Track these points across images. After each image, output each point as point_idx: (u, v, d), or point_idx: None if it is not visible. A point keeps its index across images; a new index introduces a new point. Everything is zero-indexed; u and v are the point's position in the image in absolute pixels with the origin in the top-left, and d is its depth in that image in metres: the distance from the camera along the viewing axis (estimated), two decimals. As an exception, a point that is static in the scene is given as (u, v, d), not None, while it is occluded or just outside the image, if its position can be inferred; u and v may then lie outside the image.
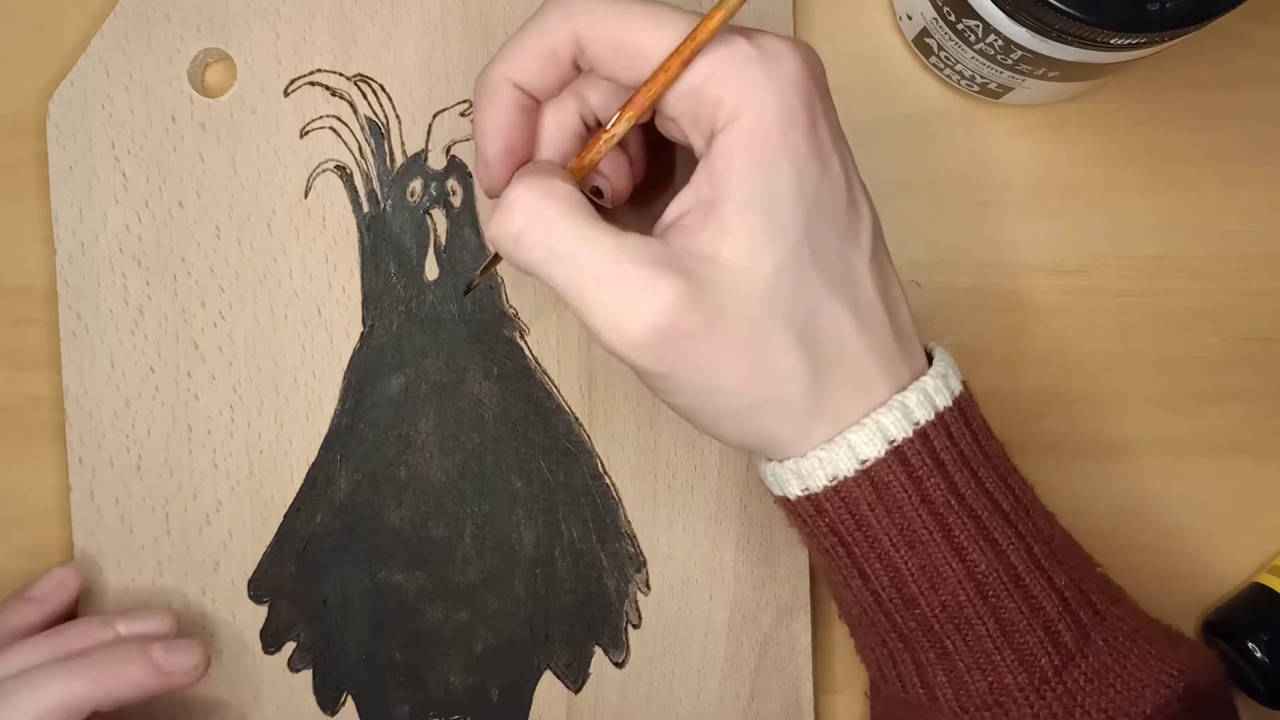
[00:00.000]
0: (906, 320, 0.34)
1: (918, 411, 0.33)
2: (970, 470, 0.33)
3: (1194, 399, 0.45)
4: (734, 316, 0.31)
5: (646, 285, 0.30)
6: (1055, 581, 0.33)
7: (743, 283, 0.31)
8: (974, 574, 0.33)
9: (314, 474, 0.43)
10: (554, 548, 0.43)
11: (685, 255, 0.31)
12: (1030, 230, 0.45)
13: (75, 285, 0.43)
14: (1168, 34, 0.35)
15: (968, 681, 0.34)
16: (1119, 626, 0.34)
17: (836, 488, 0.33)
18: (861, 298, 0.33)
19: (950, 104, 0.45)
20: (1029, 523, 0.34)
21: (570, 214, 0.31)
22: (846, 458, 0.33)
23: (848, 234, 0.32)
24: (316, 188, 0.43)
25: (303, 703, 0.44)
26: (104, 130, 0.43)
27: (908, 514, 0.33)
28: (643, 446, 0.43)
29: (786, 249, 0.31)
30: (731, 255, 0.31)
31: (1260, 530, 0.45)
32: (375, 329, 0.43)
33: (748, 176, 0.31)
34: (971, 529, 0.33)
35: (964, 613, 0.33)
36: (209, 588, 0.43)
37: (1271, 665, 0.42)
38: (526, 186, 0.32)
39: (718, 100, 0.31)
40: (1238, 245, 0.45)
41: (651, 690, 0.43)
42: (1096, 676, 0.33)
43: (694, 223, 0.32)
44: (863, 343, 0.33)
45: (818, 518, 0.34)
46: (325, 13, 0.43)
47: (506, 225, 0.32)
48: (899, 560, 0.33)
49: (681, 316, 0.31)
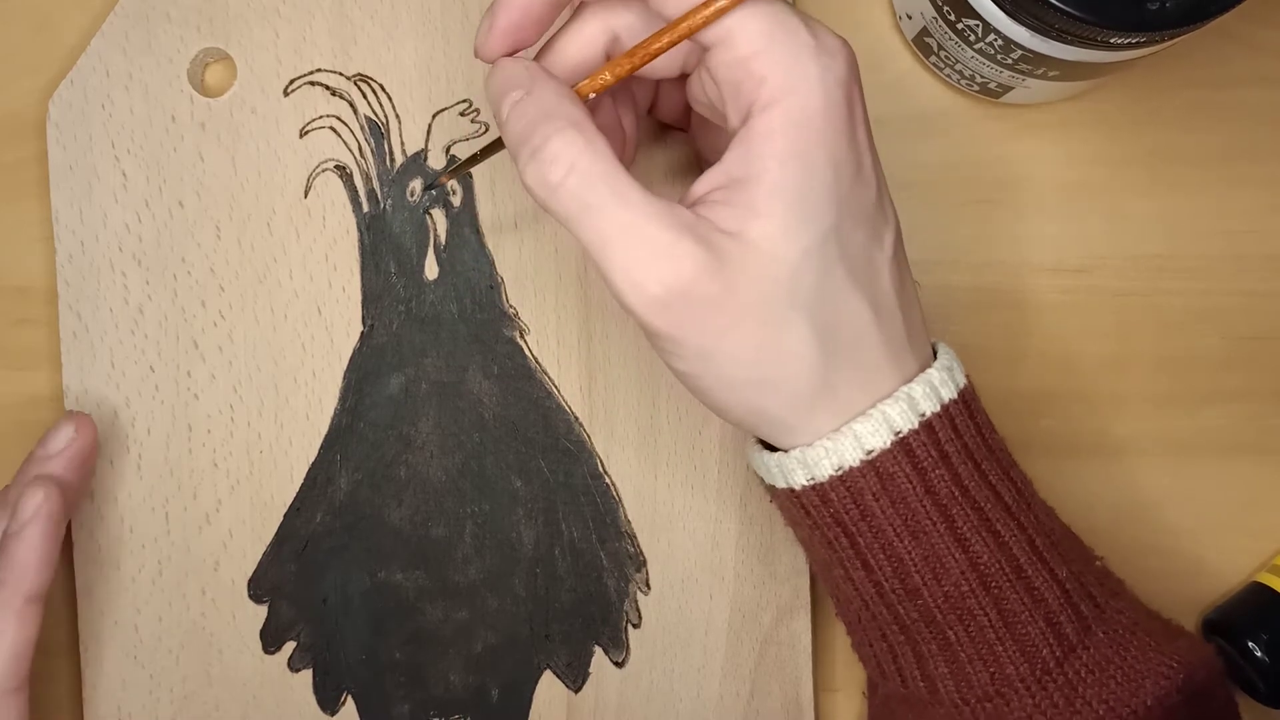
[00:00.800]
0: (918, 318, 0.35)
1: (923, 403, 0.33)
2: (974, 462, 0.34)
3: (1194, 399, 0.45)
4: (751, 293, 0.31)
5: (670, 249, 0.31)
6: (1057, 573, 0.34)
7: (764, 264, 0.31)
8: (977, 564, 0.33)
9: (314, 474, 0.43)
10: (554, 547, 0.43)
11: (711, 228, 0.31)
12: (1030, 230, 0.45)
13: (75, 285, 0.43)
14: (1168, 34, 0.35)
15: (969, 672, 0.34)
16: (1119, 619, 0.34)
17: (842, 477, 0.33)
18: (880, 294, 0.33)
19: (950, 104, 0.45)
20: (1031, 515, 0.34)
21: (608, 172, 0.31)
22: (852, 448, 0.33)
23: (873, 232, 0.33)
24: (316, 187, 0.43)
25: (303, 703, 0.44)
26: (104, 130, 0.43)
27: (912, 505, 0.33)
28: (643, 447, 0.43)
29: (815, 239, 0.31)
30: (758, 236, 0.31)
31: (1260, 530, 0.45)
32: (375, 328, 0.43)
33: (785, 163, 0.31)
34: (975, 520, 0.33)
35: (966, 603, 0.33)
36: (209, 588, 0.43)
37: (1271, 664, 0.42)
38: (568, 141, 0.31)
39: (763, 78, 0.31)
40: (1238, 245, 0.45)
41: (651, 690, 0.43)
42: (1097, 668, 0.33)
43: (723, 198, 0.32)
44: (878, 336, 0.33)
45: (823, 508, 0.34)
46: (325, 13, 0.43)
47: (548, 175, 0.31)
48: (903, 550, 0.33)
49: (698, 283, 0.31)
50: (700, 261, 0.31)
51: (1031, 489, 0.36)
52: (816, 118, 0.31)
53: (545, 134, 0.31)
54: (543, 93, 0.33)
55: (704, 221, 0.31)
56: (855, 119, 0.32)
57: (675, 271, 0.31)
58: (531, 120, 0.32)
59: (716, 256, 0.31)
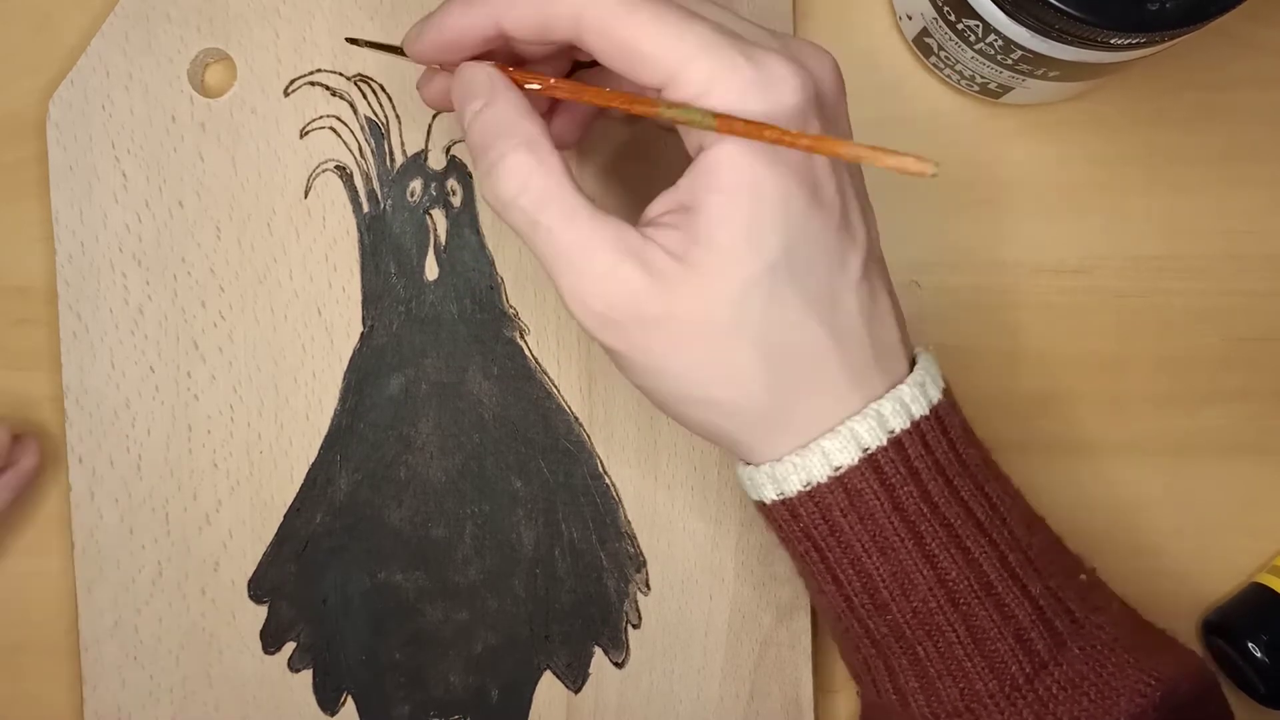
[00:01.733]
0: (892, 335, 0.35)
1: (893, 420, 0.33)
2: (945, 478, 0.34)
3: (1194, 399, 0.45)
4: (693, 317, 0.32)
5: (612, 270, 0.32)
6: (1029, 590, 0.34)
7: (707, 291, 0.32)
8: (945, 581, 0.33)
9: (314, 474, 0.43)
10: (554, 548, 0.43)
11: (658, 251, 0.32)
12: (1030, 230, 0.45)
13: (75, 285, 0.43)
14: (1168, 34, 0.35)
15: (939, 688, 0.34)
16: (1098, 635, 0.34)
17: (810, 493, 0.33)
18: (841, 318, 0.33)
19: (950, 104, 0.45)
20: (1005, 531, 0.34)
21: (557, 192, 0.32)
22: (820, 464, 0.33)
23: (835, 257, 0.33)
24: (316, 188, 0.43)
25: (303, 703, 0.44)
26: (104, 130, 0.43)
27: (880, 521, 0.33)
28: (643, 446, 0.43)
29: (759, 269, 0.32)
30: (701, 264, 0.32)
31: (1260, 530, 0.45)
32: (375, 329, 0.43)
33: (731, 196, 0.31)
34: (943, 537, 0.33)
35: (934, 619, 0.34)
36: (209, 588, 0.43)
37: (1271, 665, 0.42)
38: (519, 161, 0.32)
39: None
40: (1238, 245, 0.45)
41: (651, 690, 0.43)
42: (1070, 685, 0.33)
43: (673, 222, 0.32)
44: (836, 361, 0.33)
45: (792, 522, 0.34)
46: (325, 13, 0.43)
47: (499, 193, 0.32)
48: (871, 566, 0.34)
49: (640, 305, 0.32)
50: (641, 285, 0.32)
51: (1010, 503, 0.35)
52: (763, 151, 0.31)
53: (500, 151, 0.32)
54: (501, 106, 0.33)
55: (650, 245, 0.32)
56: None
57: (617, 292, 0.32)
58: (489, 134, 0.33)
59: (659, 280, 0.32)
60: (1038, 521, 0.36)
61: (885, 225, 0.35)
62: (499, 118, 0.33)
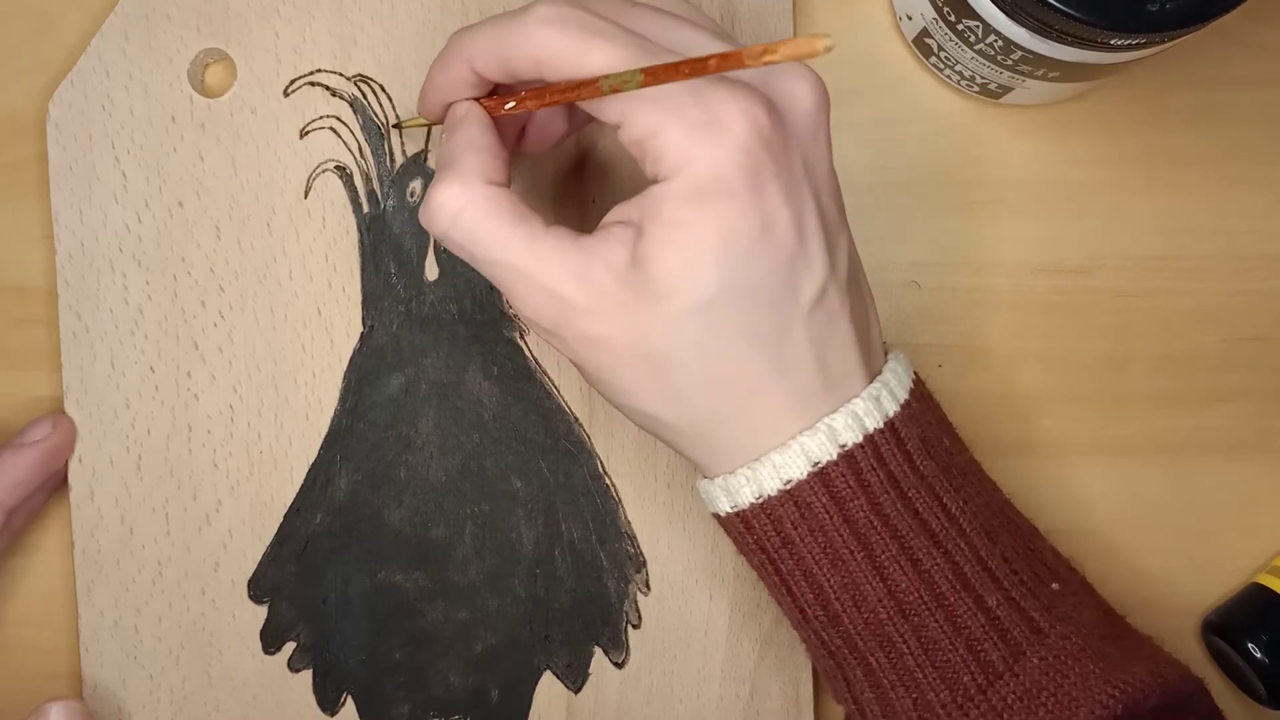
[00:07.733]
0: (850, 360, 0.34)
1: (845, 434, 0.33)
2: (898, 491, 0.34)
3: (1194, 399, 0.45)
4: (632, 343, 0.33)
5: (551, 292, 0.33)
6: (985, 600, 0.34)
7: (644, 320, 0.32)
8: (894, 593, 0.34)
9: (314, 474, 0.43)
10: (554, 548, 0.43)
11: (600, 269, 0.33)
12: (1030, 230, 0.45)
13: (75, 285, 0.43)
14: (1168, 34, 0.35)
15: (892, 698, 0.34)
16: (1062, 645, 0.34)
17: (763, 505, 0.34)
18: (787, 347, 0.33)
19: (950, 104, 0.45)
20: (960, 541, 0.34)
21: (489, 219, 0.33)
22: (771, 477, 0.34)
23: (784, 289, 0.33)
24: (316, 188, 0.43)
25: (303, 703, 0.44)
26: (104, 130, 0.43)
27: (830, 534, 0.34)
28: (643, 446, 0.43)
29: (693, 304, 0.32)
30: (640, 290, 0.32)
31: (1260, 530, 0.45)
32: (375, 329, 0.43)
33: (669, 231, 0.32)
34: (894, 549, 0.34)
35: (885, 630, 0.34)
36: (209, 588, 0.43)
37: (1271, 665, 0.42)
38: (450, 196, 0.33)
39: (659, 156, 0.32)
40: (1238, 245, 0.45)
41: (651, 690, 0.43)
42: (1026, 695, 0.33)
43: (621, 236, 0.33)
44: (779, 389, 0.33)
45: (746, 534, 0.35)
46: (325, 13, 0.43)
47: (434, 225, 0.34)
48: (822, 578, 0.34)
49: (581, 326, 0.33)
50: (576, 308, 0.33)
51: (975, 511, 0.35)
52: (707, 194, 0.31)
53: (439, 180, 0.34)
54: (456, 139, 0.35)
55: (594, 262, 0.33)
56: (760, 184, 0.32)
57: (560, 311, 0.33)
58: (440, 162, 0.35)
59: (598, 300, 0.33)
60: (1006, 530, 0.36)
61: (885, 225, 0.35)
62: (450, 149, 0.34)
